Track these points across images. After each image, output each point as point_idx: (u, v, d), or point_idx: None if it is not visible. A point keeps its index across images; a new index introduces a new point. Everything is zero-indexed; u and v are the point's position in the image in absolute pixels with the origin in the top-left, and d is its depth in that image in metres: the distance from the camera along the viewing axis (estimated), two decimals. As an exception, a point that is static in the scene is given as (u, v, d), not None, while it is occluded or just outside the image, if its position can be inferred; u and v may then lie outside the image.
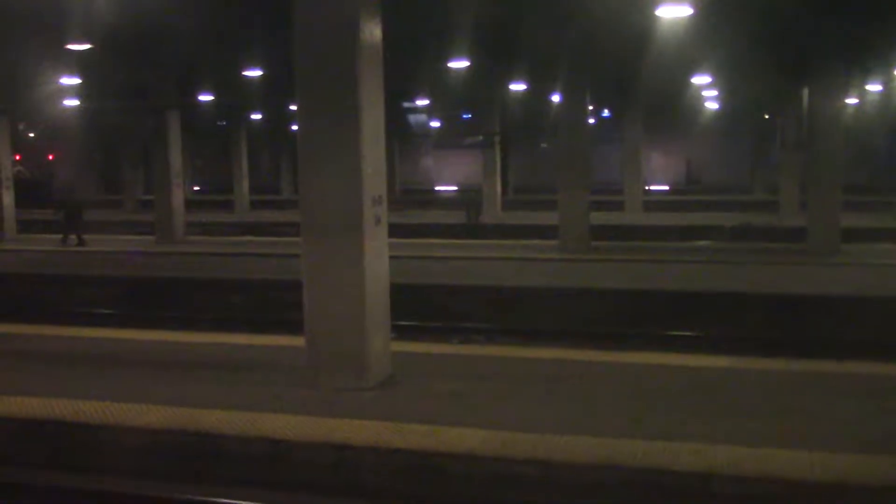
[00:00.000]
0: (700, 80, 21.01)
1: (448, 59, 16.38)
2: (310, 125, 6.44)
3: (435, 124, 37.27)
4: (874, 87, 23.79)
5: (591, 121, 21.97)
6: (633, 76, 20.55)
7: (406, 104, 29.05)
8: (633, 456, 5.01)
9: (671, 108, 30.45)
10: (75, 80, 18.67)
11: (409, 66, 16.44)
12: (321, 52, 6.28)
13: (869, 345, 9.21)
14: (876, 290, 11.41)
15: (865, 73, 20.96)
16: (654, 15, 11.36)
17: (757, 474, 4.77)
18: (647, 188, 32.50)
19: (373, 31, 6.38)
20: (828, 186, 15.61)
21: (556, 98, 19.63)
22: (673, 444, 5.15)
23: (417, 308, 11.08)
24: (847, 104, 23.23)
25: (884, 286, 11.62)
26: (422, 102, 28.02)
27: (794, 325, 10.58)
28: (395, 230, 7.13)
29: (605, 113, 33.48)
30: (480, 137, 27.08)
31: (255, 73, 18.21)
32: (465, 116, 33.30)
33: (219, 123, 32.21)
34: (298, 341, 6.70)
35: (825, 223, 15.63)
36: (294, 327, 7.09)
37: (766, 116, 32.39)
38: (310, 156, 6.39)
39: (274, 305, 11.90)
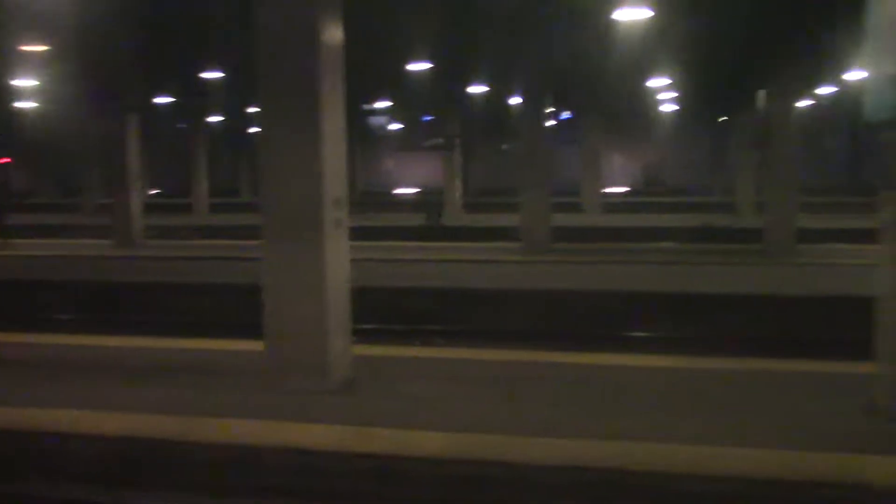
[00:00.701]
0: (658, 82, 21.20)
1: (408, 60, 16.37)
2: (270, 127, 6.39)
3: (396, 127, 37.22)
4: (829, 90, 24.17)
5: (552, 123, 22.04)
6: (592, 78, 20.67)
7: (367, 106, 28.97)
8: (598, 456, 5.03)
9: (630, 110, 30.70)
10: (31, 82, 18.35)
11: (369, 67, 16.36)
12: (281, 53, 6.23)
13: (825, 342, 9.36)
14: (827, 289, 11.61)
15: (821, 76, 21.30)
16: (613, 17, 11.45)
17: (720, 473, 4.81)
18: (605, 190, 32.73)
19: (333, 32, 6.34)
20: (783, 188, 15.84)
21: (516, 100, 19.66)
22: (636, 443, 5.18)
23: (378, 311, 11.04)
24: (802, 106, 23.61)
25: (835, 286, 11.81)
26: (383, 105, 27.95)
27: (750, 324, 10.72)
28: (355, 233, 7.08)
29: (566, 115, 33.65)
30: (441, 140, 27.11)
31: (214, 74, 18.04)
32: (425, 119, 33.30)
33: (178, 126, 31.86)
34: (259, 345, 6.64)
35: (781, 224, 15.86)
36: (254, 331, 7.02)
37: (724, 118, 32.81)
38: (270, 158, 6.35)
39: (234, 309, 11.79)
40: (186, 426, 5.67)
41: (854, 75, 18.61)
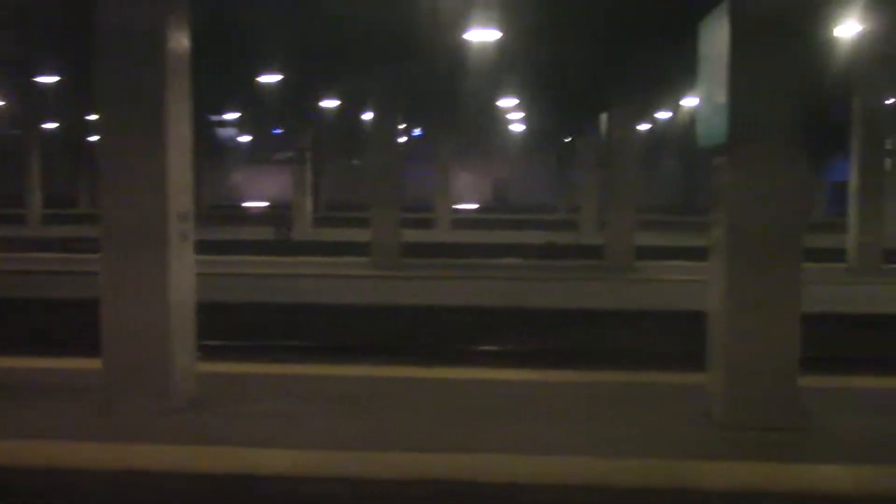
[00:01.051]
0: (507, 102, 21.75)
1: (259, 72, 16.11)
2: (111, 135, 6.12)
3: (246, 139, 36.49)
4: (666, 115, 25.47)
5: (404, 139, 22.24)
6: (443, 96, 20.99)
7: (215, 118, 28.29)
8: (444, 469, 5.07)
9: (481, 128, 31.32)
10: None
11: (218, 78, 16.00)
12: (124, 59, 5.99)
13: (663, 354, 9.82)
14: (662, 304, 12.21)
15: (659, 102, 22.43)
16: (464, 38, 11.67)
17: (564, 482, 4.95)
18: (456, 206, 33.23)
19: (180, 40, 6.16)
20: (623, 207, 16.58)
21: (369, 115, 19.70)
22: (482, 455, 5.26)
23: (225, 326, 10.77)
24: (642, 130, 24.77)
25: (670, 301, 12.43)
26: (232, 116, 27.37)
27: (593, 337, 11.12)
28: (202, 246, 6.89)
29: (417, 132, 33.99)
30: (291, 153, 26.80)
31: (50, 78, 17.16)
32: (276, 132, 32.82)
33: (11, 132, 30.08)
34: (98, 363, 6.33)
35: (621, 242, 16.59)
36: (90, 349, 6.69)
37: (569, 139, 33.99)
38: (111, 168, 6.08)
39: (71, 326, 11.20)
40: (10, 450, 5.32)
41: (689, 102, 19.69)
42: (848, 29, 11.36)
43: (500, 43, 12.08)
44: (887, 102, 16.85)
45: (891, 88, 16.66)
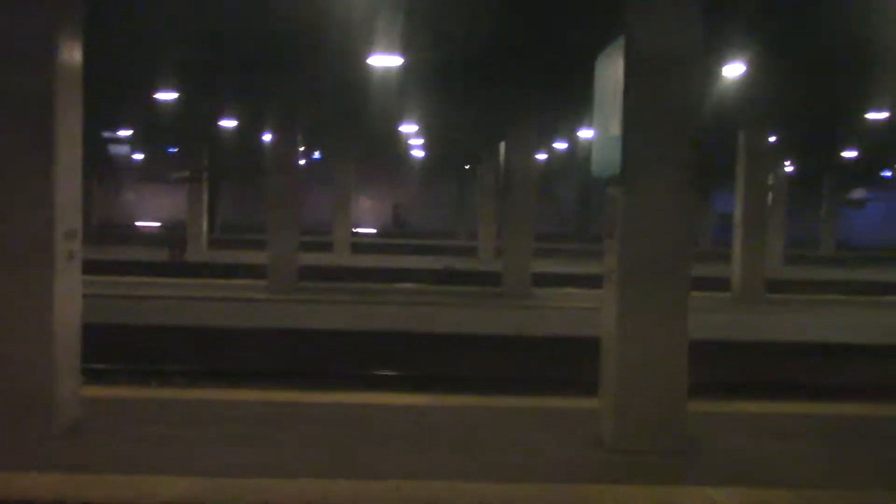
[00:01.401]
0: (408, 127, 21.86)
1: (156, 89, 15.75)
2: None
3: (140, 156, 35.56)
4: (563, 146, 26.05)
5: (303, 161, 22.06)
6: (345, 120, 20.95)
7: (108, 134, 27.48)
8: (339, 496, 5.01)
9: (381, 153, 31.37)
10: None
11: (113, 93, 15.58)
12: (12, 70, 5.77)
13: (558, 379, 9.99)
14: (556, 331, 12.43)
15: (556, 133, 22.93)
16: (366, 63, 11.70)
17: (456, 508, 4.95)
18: (355, 230, 33.14)
19: (72, 52, 5.98)
20: (521, 234, 16.85)
21: (268, 136, 19.49)
22: (380, 482, 5.22)
23: (113, 349, 10.43)
24: (539, 158, 25.24)
25: (564, 327, 12.66)
26: (126, 133, 26.64)
27: (489, 363, 11.22)
28: (91, 266, 6.66)
29: (317, 154, 33.80)
30: (187, 172, 26.25)
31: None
32: (171, 150, 32.11)
33: None
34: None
35: (518, 269, 16.84)
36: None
37: (468, 166, 34.38)
38: (-6, 182, 5.82)
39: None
40: None
41: (585, 133, 20.20)
42: (734, 69, 11.89)
43: (401, 69, 12.15)
44: (770, 139, 17.66)
45: (773, 126, 17.47)
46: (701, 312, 7.69)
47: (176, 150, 30.90)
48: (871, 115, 16.81)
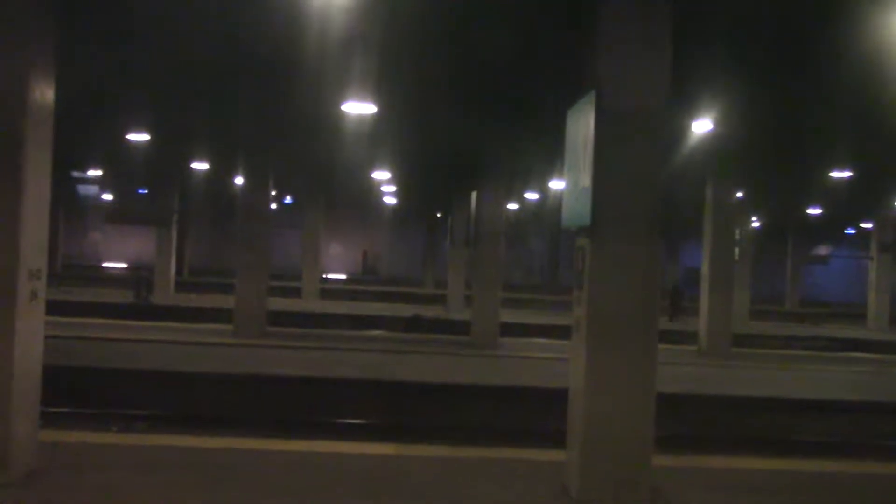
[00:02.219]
0: (380, 175, 21.93)
1: (126, 131, 15.70)
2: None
3: (107, 197, 35.30)
4: (533, 197, 26.24)
5: (274, 206, 22.02)
6: (316, 166, 20.99)
7: (76, 173, 27.28)
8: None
9: (352, 199, 31.40)
10: None
11: (82, 133, 15.50)
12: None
13: (524, 430, 9.93)
14: (523, 381, 12.40)
15: (526, 184, 23.12)
16: (340, 110, 11.76)
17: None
18: (324, 276, 33.01)
19: (44, 92, 5.95)
20: (489, 284, 16.87)
21: (239, 180, 19.48)
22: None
23: (73, 393, 10.23)
24: (509, 209, 25.38)
25: (530, 378, 12.63)
26: (94, 173, 26.46)
27: (455, 412, 11.14)
28: (54, 307, 6.55)
29: (288, 199, 33.77)
30: (156, 214, 26.07)
31: None
32: (141, 191, 31.93)
33: None
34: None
35: (486, 318, 16.83)
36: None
37: (439, 214, 34.50)
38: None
39: None
40: None
41: (556, 184, 20.39)
42: (702, 124, 12.10)
43: (374, 117, 12.23)
44: (737, 194, 17.92)
45: (740, 181, 17.73)
46: (668, 365, 7.70)
47: (146, 191, 30.73)
48: (835, 174, 17.14)
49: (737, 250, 19.18)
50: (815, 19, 7.88)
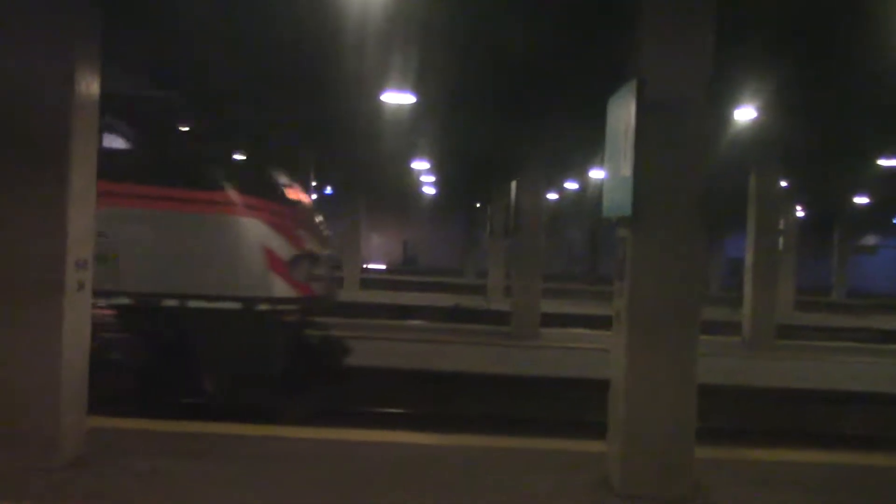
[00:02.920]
0: (419, 165, 21.96)
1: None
2: (9, 176, 5.87)
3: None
4: (573, 186, 26.11)
5: (314, 196, 22.13)
6: (356, 156, 21.07)
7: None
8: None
9: (392, 189, 31.50)
10: None
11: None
12: (29, 100, 5.81)
13: (566, 421, 9.91)
14: (565, 371, 12.36)
15: (566, 173, 23.01)
16: (379, 100, 11.80)
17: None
18: (364, 266, 33.17)
19: (90, 84, 6.04)
20: (530, 274, 16.82)
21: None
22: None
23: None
24: (549, 199, 25.27)
25: (572, 368, 12.58)
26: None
27: (489, 402, 11.14)
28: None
29: (328, 190, 33.96)
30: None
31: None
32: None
33: None
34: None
35: (527, 308, 16.78)
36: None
37: (478, 204, 34.47)
38: (5, 208, 5.83)
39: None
40: None
41: (596, 173, 20.26)
42: (745, 112, 11.93)
43: (414, 107, 12.25)
44: (781, 184, 17.68)
45: (784, 170, 17.50)
46: (711, 357, 7.63)
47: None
48: (883, 162, 16.81)
49: (781, 240, 18.92)
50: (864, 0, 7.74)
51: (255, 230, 8.41)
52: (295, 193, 9.19)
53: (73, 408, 5.99)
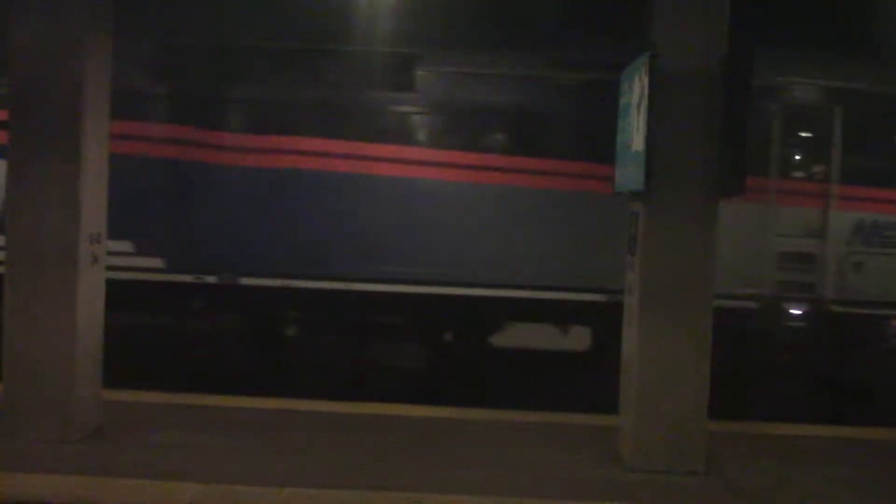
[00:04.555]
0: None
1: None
2: (22, 150, 5.90)
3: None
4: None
5: None
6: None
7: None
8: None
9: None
10: None
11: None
12: (40, 74, 5.83)
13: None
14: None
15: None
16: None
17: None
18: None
19: (102, 57, 6.05)
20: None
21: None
22: (392, 493, 5.21)
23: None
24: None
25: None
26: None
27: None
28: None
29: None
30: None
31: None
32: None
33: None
34: None
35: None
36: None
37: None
38: (20, 182, 5.87)
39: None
40: None
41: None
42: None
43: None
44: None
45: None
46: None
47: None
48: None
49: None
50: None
51: None
52: None
53: (87, 380, 6.06)
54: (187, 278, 8.37)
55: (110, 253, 6.49)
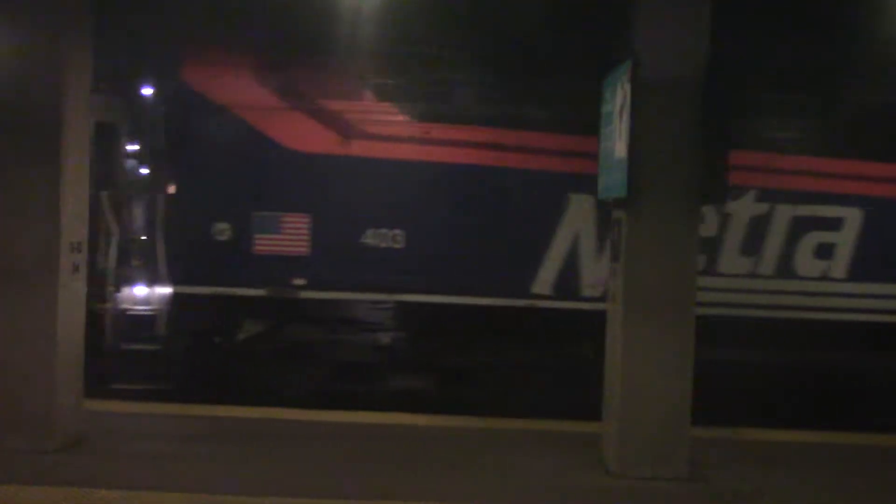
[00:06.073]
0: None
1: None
2: (1, 159, 5.86)
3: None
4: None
5: None
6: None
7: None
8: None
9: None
10: None
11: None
12: (21, 80, 5.80)
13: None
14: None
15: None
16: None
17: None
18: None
19: (82, 64, 6.03)
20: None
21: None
22: (379, 502, 5.20)
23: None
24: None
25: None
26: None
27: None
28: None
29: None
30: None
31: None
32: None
33: None
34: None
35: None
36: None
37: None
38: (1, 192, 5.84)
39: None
40: None
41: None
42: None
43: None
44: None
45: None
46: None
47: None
48: None
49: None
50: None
51: None
52: None
53: (68, 389, 6.00)
54: None
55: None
